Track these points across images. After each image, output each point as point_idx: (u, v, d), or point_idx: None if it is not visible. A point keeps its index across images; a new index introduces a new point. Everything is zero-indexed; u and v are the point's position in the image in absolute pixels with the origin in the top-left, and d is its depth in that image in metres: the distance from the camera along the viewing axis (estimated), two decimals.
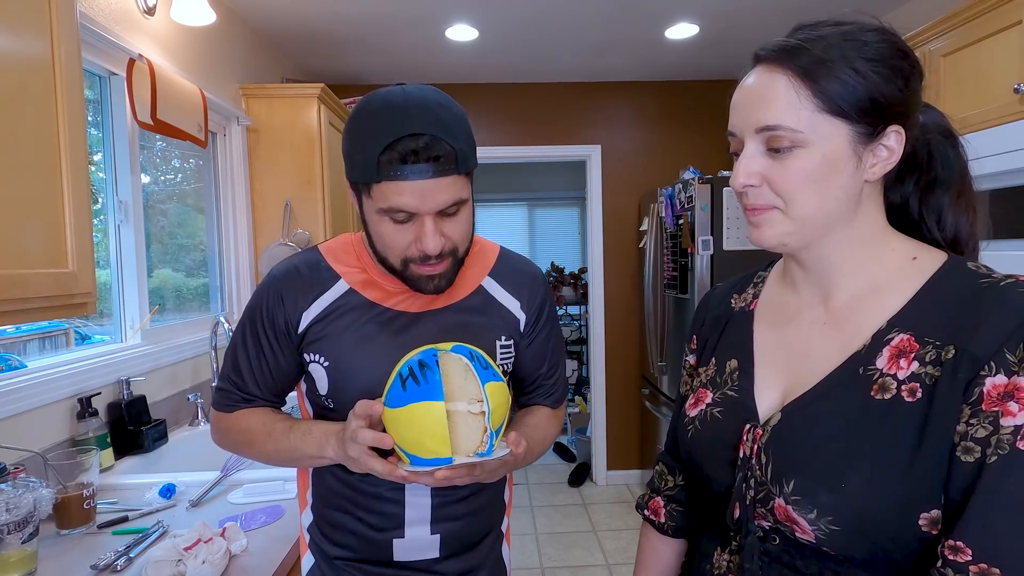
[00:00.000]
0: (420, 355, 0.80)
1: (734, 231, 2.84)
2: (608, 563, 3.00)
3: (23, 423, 1.37)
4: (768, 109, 0.62)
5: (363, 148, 0.82)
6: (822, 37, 0.62)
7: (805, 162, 0.62)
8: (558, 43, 3.10)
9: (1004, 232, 1.60)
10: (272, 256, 2.52)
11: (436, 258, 0.87)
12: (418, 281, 0.90)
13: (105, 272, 1.81)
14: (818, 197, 0.63)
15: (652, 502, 0.89)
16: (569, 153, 3.85)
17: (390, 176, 0.80)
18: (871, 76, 0.60)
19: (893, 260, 0.66)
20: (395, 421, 0.79)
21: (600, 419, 3.99)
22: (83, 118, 1.11)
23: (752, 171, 0.64)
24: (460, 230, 0.89)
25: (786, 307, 0.74)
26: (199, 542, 1.08)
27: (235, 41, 2.56)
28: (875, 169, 0.64)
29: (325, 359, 0.94)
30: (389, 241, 0.87)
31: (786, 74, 0.62)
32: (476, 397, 0.78)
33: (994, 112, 1.71)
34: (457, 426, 0.77)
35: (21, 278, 0.96)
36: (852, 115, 0.61)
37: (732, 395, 0.73)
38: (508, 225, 5.84)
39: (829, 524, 0.59)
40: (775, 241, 0.66)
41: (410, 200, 0.82)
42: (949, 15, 1.87)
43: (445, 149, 0.81)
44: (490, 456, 0.79)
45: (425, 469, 0.78)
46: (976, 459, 0.54)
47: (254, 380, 0.98)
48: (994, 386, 0.54)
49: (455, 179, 0.84)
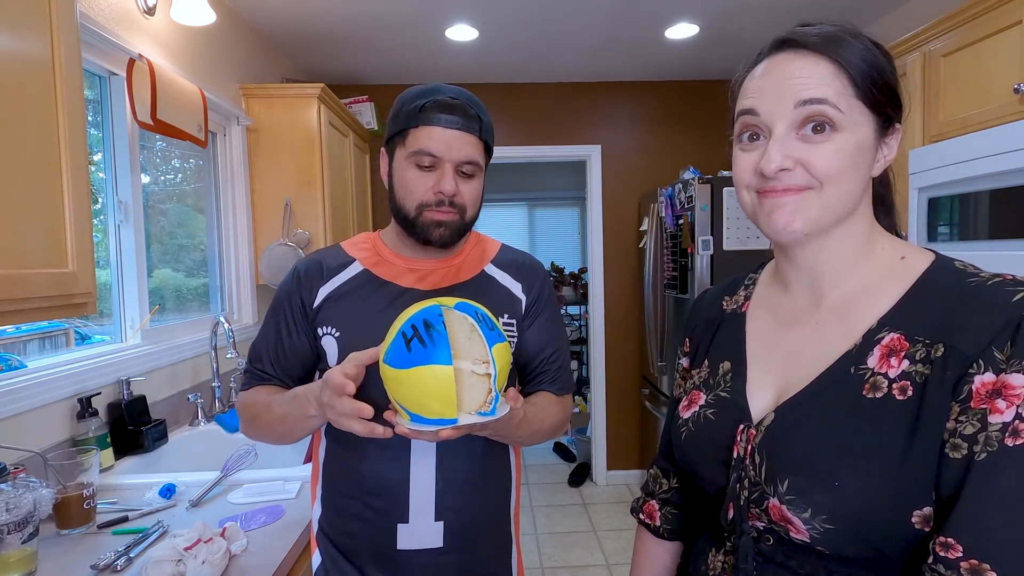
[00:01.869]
0: (424, 313, 0.78)
1: (734, 231, 2.84)
2: (608, 563, 3.00)
3: (23, 423, 1.37)
4: (813, 85, 0.62)
5: (407, 103, 0.99)
6: (839, 33, 0.63)
7: (843, 145, 0.61)
8: (558, 43, 3.10)
9: (1004, 232, 1.60)
10: (272, 256, 2.52)
11: (448, 205, 0.98)
12: (427, 227, 1.00)
13: (105, 272, 1.81)
14: (848, 183, 0.63)
15: (647, 506, 0.89)
16: (569, 153, 3.85)
17: (426, 122, 0.96)
18: (889, 69, 0.63)
19: (883, 259, 0.67)
20: (398, 382, 0.77)
21: (600, 419, 3.99)
22: (83, 118, 1.11)
23: (787, 153, 0.62)
24: (471, 194, 1.02)
25: (778, 308, 0.74)
26: (199, 542, 1.08)
27: (235, 41, 2.56)
28: (879, 165, 0.65)
29: (336, 329, 1.02)
30: (411, 186, 0.99)
31: (826, 59, 0.62)
32: (482, 358, 0.78)
33: (994, 112, 1.71)
34: (461, 386, 0.77)
35: (21, 278, 0.96)
36: (879, 105, 0.63)
37: (725, 396, 0.73)
38: (508, 225, 5.84)
39: (823, 523, 0.59)
40: (799, 225, 0.63)
41: (439, 146, 0.96)
42: (949, 15, 1.87)
43: (472, 114, 0.99)
44: (494, 416, 0.79)
45: (428, 428, 0.77)
46: (964, 455, 0.55)
47: (270, 359, 1.07)
48: (983, 384, 0.55)
49: (477, 141, 0.99)
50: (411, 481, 0.99)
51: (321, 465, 1.08)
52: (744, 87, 0.68)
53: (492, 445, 1.04)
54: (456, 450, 1.00)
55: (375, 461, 0.99)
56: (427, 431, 0.78)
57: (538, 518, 3.52)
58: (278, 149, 2.61)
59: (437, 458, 0.99)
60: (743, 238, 2.84)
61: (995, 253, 1.61)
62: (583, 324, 4.92)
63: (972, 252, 1.69)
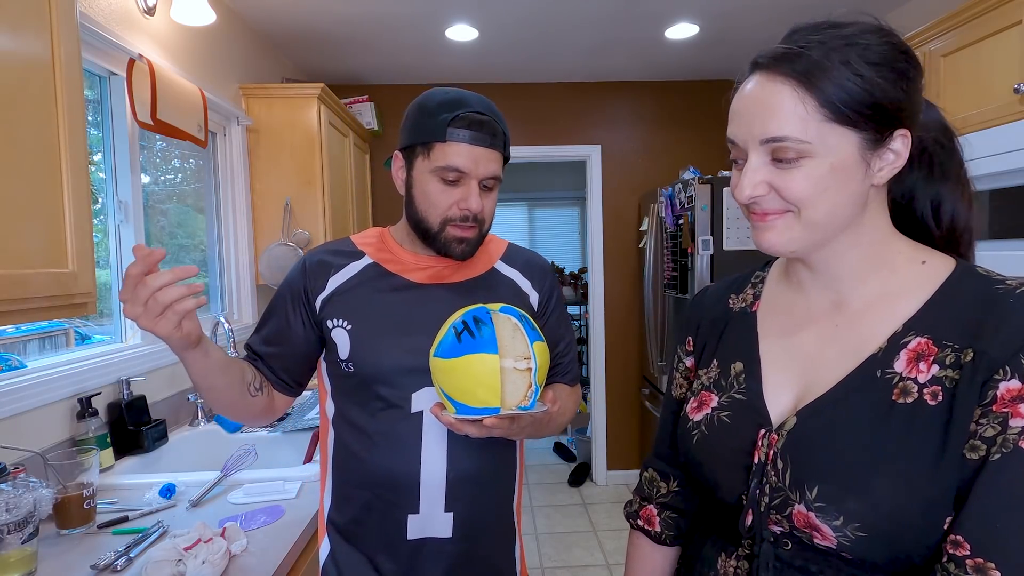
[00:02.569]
0: (474, 311, 0.86)
1: (734, 231, 2.84)
2: (608, 563, 3.00)
3: (23, 423, 1.37)
4: (773, 120, 0.60)
5: (432, 114, 0.97)
6: (822, 42, 0.60)
7: (813, 171, 0.60)
8: (558, 43, 3.10)
9: (1004, 232, 1.60)
10: (272, 256, 2.52)
11: (472, 221, 0.99)
12: (450, 243, 1.00)
13: (105, 272, 1.81)
14: (828, 204, 0.61)
15: (644, 511, 0.86)
16: (569, 153, 3.85)
17: (455, 138, 0.96)
18: (876, 82, 0.59)
19: (903, 264, 0.66)
20: (449, 371, 0.83)
21: (600, 419, 3.99)
22: (83, 118, 1.11)
23: (757, 182, 0.62)
24: (490, 206, 1.03)
25: (793, 309, 0.72)
26: (199, 542, 1.08)
27: (235, 41, 2.56)
28: (882, 173, 0.63)
29: (348, 323, 1.02)
30: (435, 199, 0.99)
31: (789, 83, 0.59)
32: (524, 355, 0.84)
33: (994, 112, 1.71)
34: (505, 380, 0.83)
35: (21, 278, 0.96)
36: (859, 123, 0.59)
37: (740, 398, 0.71)
38: (508, 225, 5.84)
39: (856, 531, 0.58)
40: (784, 247, 0.64)
41: (466, 163, 0.96)
42: (949, 15, 1.87)
43: (498, 131, 0.99)
44: (532, 410, 0.85)
45: (473, 417, 0.83)
46: (980, 456, 0.55)
47: (262, 339, 1.07)
48: (1008, 390, 0.55)
49: (500, 158, 1.01)
50: (422, 473, 0.99)
51: (330, 455, 1.08)
52: (730, 107, 0.67)
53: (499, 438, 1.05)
54: (466, 442, 1.01)
55: (386, 452, 1.00)
56: (471, 421, 0.84)
57: (538, 518, 3.52)
58: (278, 149, 2.61)
59: (448, 450, 1.00)
60: (743, 238, 2.84)
61: (995, 253, 1.61)
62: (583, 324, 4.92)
63: None
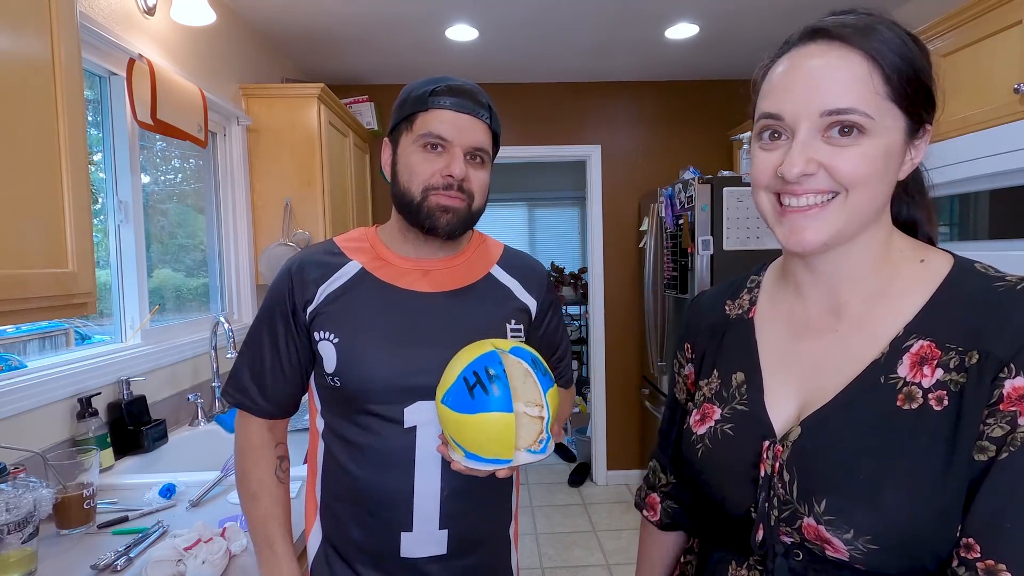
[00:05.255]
0: (484, 359, 0.81)
1: (734, 231, 2.84)
2: (608, 563, 3.00)
3: (23, 423, 1.37)
4: (842, 90, 0.57)
5: (415, 90, 0.96)
6: (881, 20, 0.59)
7: (870, 150, 0.57)
8: (558, 43, 3.10)
9: (1004, 232, 1.60)
10: (272, 256, 2.52)
11: (457, 190, 0.94)
12: (433, 213, 0.95)
13: (105, 272, 1.81)
14: (873, 190, 0.59)
15: (649, 498, 0.89)
16: (569, 153, 3.85)
17: (437, 105, 0.93)
18: (925, 68, 0.58)
19: (901, 263, 0.64)
20: (463, 425, 0.80)
21: (600, 419, 3.99)
22: (83, 118, 1.11)
23: (810, 157, 0.58)
24: (480, 182, 0.98)
25: (792, 315, 0.70)
26: (199, 542, 1.08)
27: (235, 41, 2.56)
28: (906, 168, 0.61)
29: (334, 335, 0.96)
30: (417, 169, 0.94)
31: (859, 53, 0.57)
32: (536, 401, 0.82)
33: (994, 112, 1.71)
34: (518, 425, 0.81)
35: (21, 278, 0.96)
36: (912, 104, 0.58)
37: (742, 409, 0.69)
38: (508, 225, 5.83)
39: (867, 543, 0.56)
40: (826, 238, 0.60)
41: (448, 129, 0.93)
42: (949, 15, 1.87)
43: (482, 101, 0.96)
44: (544, 455, 0.83)
45: (484, 467, 0.82)
46: (989, 457, 0.54)
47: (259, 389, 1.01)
48: (1014, 388, 0.54)
49: (487, 129, 0.97)
50: (415, 491, 0.96)
51: (320, 468, 1.03)
52: (769, 80, 0.63)
53: None
54: None
55: (378, 470, 0.96)
56: (482, 469, 0.82)
57: (538, 518, 3.52)
58: (278, 149, 2.61)
59: (443, 465, 0.96)
60: (743, 238, 2.84)
61: (995, 253, 1.61)
62: (583, 324, 4.92)
63: (972, 252, 1.67)
